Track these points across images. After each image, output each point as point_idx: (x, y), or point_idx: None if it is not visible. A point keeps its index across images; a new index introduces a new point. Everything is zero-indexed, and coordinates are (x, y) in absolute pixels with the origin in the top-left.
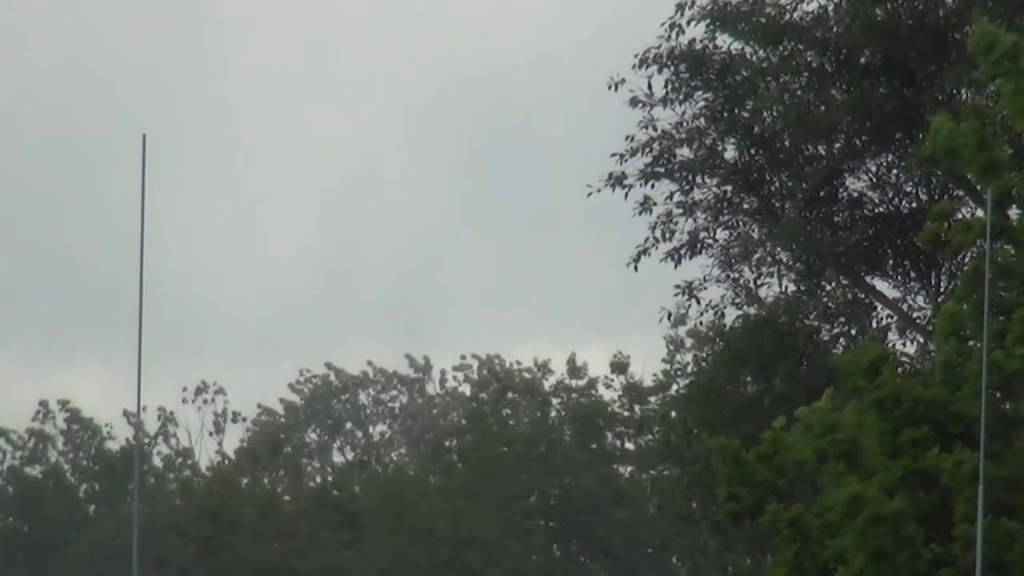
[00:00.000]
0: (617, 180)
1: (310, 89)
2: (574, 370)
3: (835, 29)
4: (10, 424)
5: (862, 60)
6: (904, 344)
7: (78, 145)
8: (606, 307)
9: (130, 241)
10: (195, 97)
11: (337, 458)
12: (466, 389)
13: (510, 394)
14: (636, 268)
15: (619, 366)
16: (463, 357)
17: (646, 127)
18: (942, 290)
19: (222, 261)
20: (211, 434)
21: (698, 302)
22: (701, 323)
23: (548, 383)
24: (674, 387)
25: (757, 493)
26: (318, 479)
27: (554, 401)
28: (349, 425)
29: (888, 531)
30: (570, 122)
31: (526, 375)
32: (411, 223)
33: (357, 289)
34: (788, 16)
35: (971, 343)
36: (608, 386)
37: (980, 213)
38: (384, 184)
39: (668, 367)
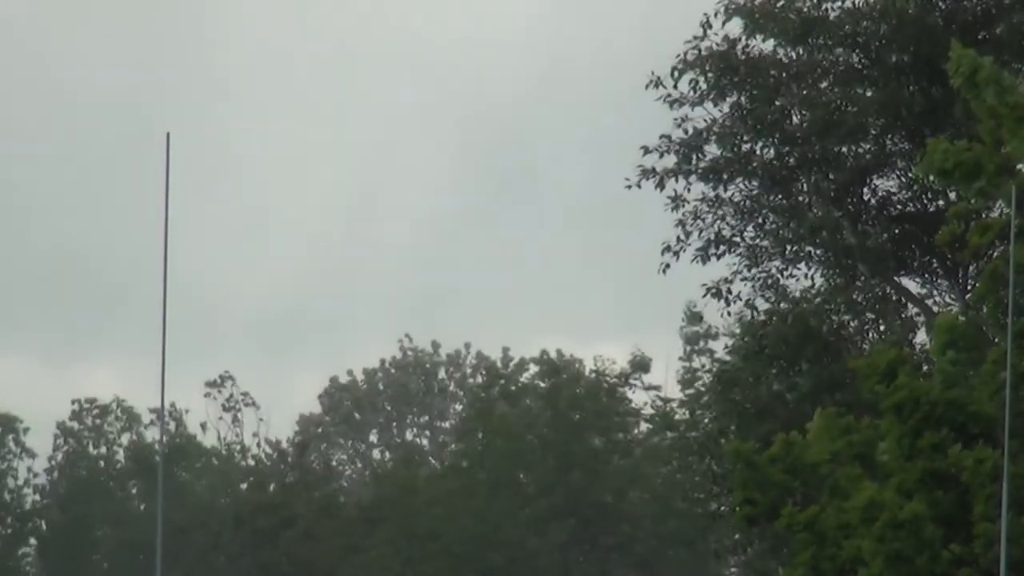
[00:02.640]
0: (650, 174)
1: (324, 86)
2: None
3: (864, 24)
4: (30, 420)
5: (892, 58)
6: (932, 341)
7: (97, 143)
8: (619, 305)
9: (140, 239)
10: (207, 95)
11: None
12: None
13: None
14: (665, 271)
15: (640, 364)
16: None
17: (679, 126)
18: (969, 288)
19: (233, 257)
20: (231, 421)
21: (727, 302)
22: (727, 315)
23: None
24: (695, 386)
25: (772, 496)
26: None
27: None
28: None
29: (907, 535)
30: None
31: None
32: (421, 221)
33: (368, 285)
34: (819, 12)
35: (996, 341)
36: (632, 385)
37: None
38: (395, 182)
39: (687, 364)
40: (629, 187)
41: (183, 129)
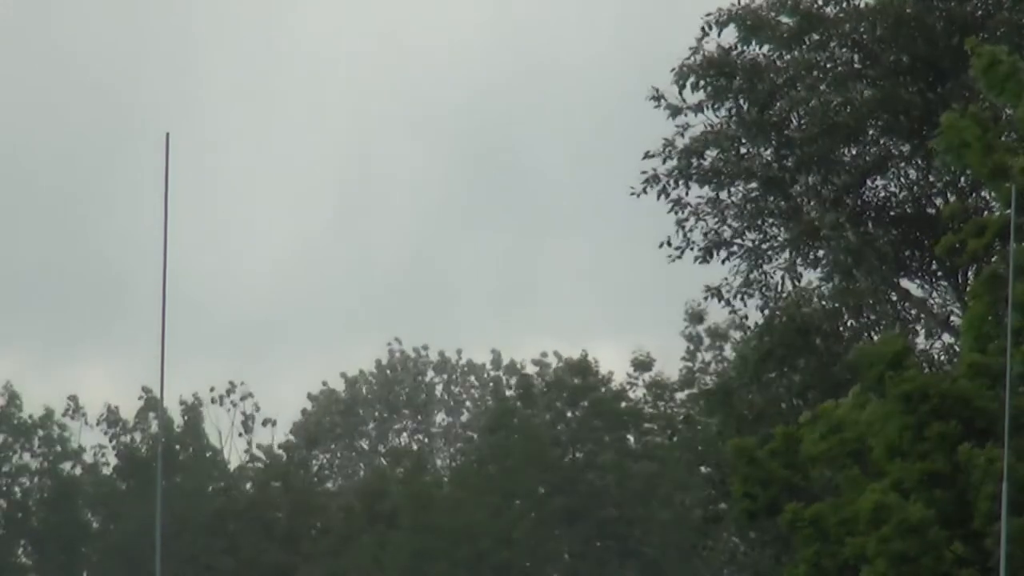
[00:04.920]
0: (654, 180)
1: (316, 87)
2: (586, 367)
3: (863, 26)
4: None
5: (891, 58)
6: (931, 343)
7: (93, 144)
8: (619, 304)
9: (137, 239)
10: (202, 96)
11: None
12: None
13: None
14: (675, 260)
15: (642, 364)
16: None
17: (681, 134)
18: (969, 289)
19: (223, 259)
20: (240, 434)
21: (729, 303)
22: (727, 317)
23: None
24: (696, 386)
25: (773, 491)
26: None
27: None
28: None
29: (912, 536)
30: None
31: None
32: (416, 222)
33: (362, 286)
34: (817, 10)
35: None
36: (632, 384)
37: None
38: (391, 183)
39: (690, 364)
40: (635, 194)
41: (182, 129)
